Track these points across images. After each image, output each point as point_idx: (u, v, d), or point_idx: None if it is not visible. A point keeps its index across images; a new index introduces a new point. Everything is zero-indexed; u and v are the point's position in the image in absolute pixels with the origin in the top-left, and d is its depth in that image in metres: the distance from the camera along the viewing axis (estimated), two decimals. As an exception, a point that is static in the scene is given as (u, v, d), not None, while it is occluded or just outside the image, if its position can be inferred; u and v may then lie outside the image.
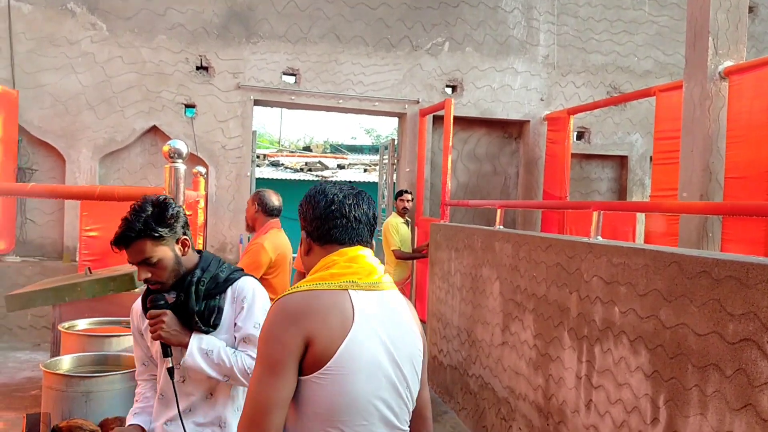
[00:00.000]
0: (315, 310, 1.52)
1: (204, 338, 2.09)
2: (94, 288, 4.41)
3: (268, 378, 1.47)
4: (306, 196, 1.76)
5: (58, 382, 2.86)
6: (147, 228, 2.06)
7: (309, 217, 1.71)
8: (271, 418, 1.45)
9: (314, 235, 1.71)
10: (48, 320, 7.16)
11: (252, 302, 2.13)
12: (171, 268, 2.10)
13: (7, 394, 5.58)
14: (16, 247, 7.70)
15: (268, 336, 1.52)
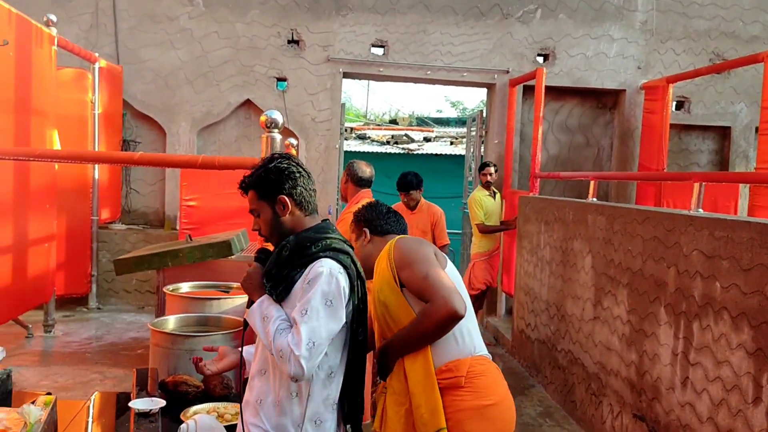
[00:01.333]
0: None
1: (268, 304, 2.02)
2: (194, 254, 4.62)
3: (433, 264, 2.29)
4: (367, 208, 2.68)
5: (164, 340, 3.03)
6: (252, 180, 2.12)
7: (373, 219, 2.63)
8: (450, 282, 2.27)
9: (377, 230, 2.61)
10: (150, 284, 7.59)
11: (314, 287, 1.95)
12: (269, 225, 2.10)
13: (115, 352, 5.98)
14: (121, 216, 8.16)
15: (420, 251, 2.36)
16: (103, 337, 6.50)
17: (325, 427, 2.02)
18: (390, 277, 2.34)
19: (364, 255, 2.56)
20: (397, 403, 2.30)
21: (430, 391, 2.21)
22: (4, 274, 5.26)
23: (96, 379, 5.15)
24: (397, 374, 2.33)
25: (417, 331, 2.24)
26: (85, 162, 6.66)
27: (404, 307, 2.31)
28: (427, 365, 2.25)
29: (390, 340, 2.34)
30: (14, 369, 3.01)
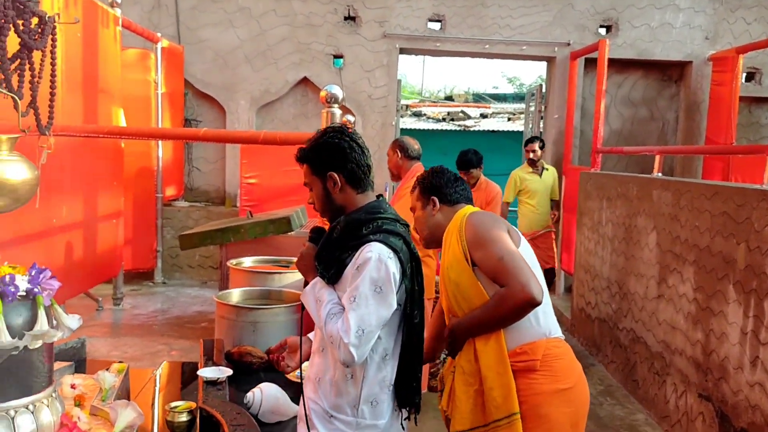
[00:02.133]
0: None
1: (320, 287, 2.00)
2: (255, 230, 4.72)
3: (507, 243, 2.20)
4: (434, 175, 2.48)
5: (229, 312, 3.11)
6: (306, 153, 2.05)
7: (442, 186, 2.45)
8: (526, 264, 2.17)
9: (447, 199, 2.44)
10: (212, 260, 7.79)
11: (362, 272, 1.89)
12: (321, 200, 2.05)
13: (180, 325, 6.18)
14: (184, 193, 8.38)
15: (493, 230, 2.24)
16: (168, 310, 6.72)
17: (381, 409, 2.00)
18: (461, 256, 2.23)
19: (433, 225, 2.45)
20: (467, 383, 2.22)
21: (504, 375, 2.14)
22: (76, 249, 5.48)
23: (163, 350, 5.34)
24: (467, 354, 2.24)
25: (491, 316, 2.16)
26: (153, 139, 6.85)
27: (476, 287, 2.21)
28: (500, 348, 2.17)
29: (460, 320, 2.26)
30: (86, 339, 3.14)
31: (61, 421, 1.89)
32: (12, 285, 1.75)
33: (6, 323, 1.71)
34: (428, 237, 2.48)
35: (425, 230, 2.48)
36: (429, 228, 2.45)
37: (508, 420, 2.12)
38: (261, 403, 2.41)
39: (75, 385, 2.28)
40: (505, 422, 2.12)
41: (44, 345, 1.83)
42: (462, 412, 2.21)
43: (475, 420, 2.19)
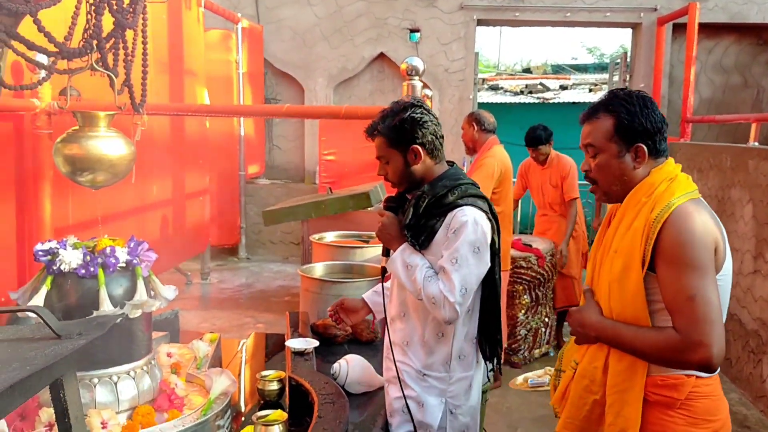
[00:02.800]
0: (713, 217, 1.69)
1: (410, 252, 2.04)
2: (335, 205, 4.78)
3: (708, 279, 1.60)
4: (641, 103, 1.71)
5: (313, 285, 3.17)
6: (384, 127, 2.07)
7: (653, 130, 1.71)
8: (719, 315, 1.60)
9: (655, 149, 1.73)
10: (293, 236, 7.95)
11: (460, 236, 1.97)
12: (399, 173, 2.09)
13: (265, 299, 6.36)
14: (265, 171, 8.56)
15: (701, 250, 1.60)
16: (253, 284, 6.92)
17: (468, 362, 2.10)
18: (639, 253, 1.66)
19: (628, 180, 1.75)
20: (587, 389, 1.80)
21: (631, 406, 1.71)
22: (167, 225, 5.70)
23: (249, 323, 5.52)
24: (595, 360, 1.79)
25: (645, 350, 1.66)
26: (238, 116, 7.02)
27: (638, 297, 1.68)
28: (638, 376, 1.71)
29: (605, 324, 1.74)
30: (179, 311, 3.28)
31: (159, 387, 1.98)
32: (113, 256, 1.83)
33: (107, 293, 1.80)
34: (615, 192, 1.79)
35: (614, 185, 1.77)
36: (621, 183, 1.76)
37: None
38: (347, 374, 2.44)
39: (171, 353, 2.37)
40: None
41: (143, 314, 1.92)
42: (573, 417, 1.84)
43: (584, 428, 1.82)
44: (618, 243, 1.72)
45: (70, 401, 1.04)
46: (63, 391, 1.03)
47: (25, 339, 1.05)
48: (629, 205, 1.73)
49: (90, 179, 1.92)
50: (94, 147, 1.89)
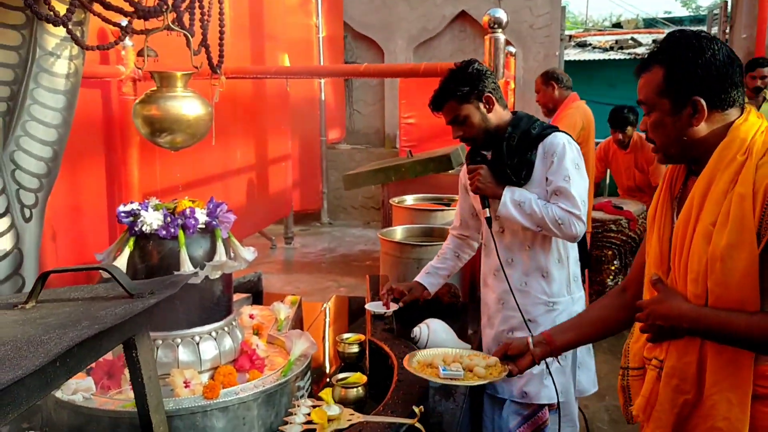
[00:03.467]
0: None
1: (516, 190, 2.18)
2: (416, 168, 4.70)
3: None
4: (693, 41, 1.43)
5: (393, 248, 3.12)
6: (450, 89, 2.18)
7: (706, 73, 1.42)
8: None
9: (718, 100, 1.44)
10: (374, 201, 7.95)
11: (562, 156, 2.15)
12: (478, 125, 2.20)
13: (346, 263, 6.40)
14: (346, 136, 8.57)
15: None
16: (335, 249, 6.98)
17: (579, 283, 2.35)
18: (751, 224, 1.36)
19: (689, 141, 1.48)
20: (677, 390, 1.50)
21: (738, 406, 1.42)
22: (250, 190, 5.80)
23: (331, 287, 5.57)
24: (687, 355, 1.49)
25: (757, 339, 1.38)
26: (317, 77, 7.01)
27: (750, 276, 1.37)
28: (744, 368, 1.42)
29: (700, 312, 1.44)
30: (262, 275, 3.32)
31: (241, 348, 1.99)
32: (192, 218, 1.83)
33: (188, 254, 1.80)
34: (674, 153, 1.53)
35: (671, 146, 1.51)
36: (679, 143, 1.49)
37: None
38: (428, 338, 2.39)
39: (253, 315, 2.39)
40: None
41: (223, 276, 1.92)
42: (664, 425, 1.53)
43: None
44: (712, 214, 1.41)
45: (143, 361, 1.03)
46: (136, 351, 1.02)
47: (99, 298, 1.04)
48: (718, 166, 1.43)
49: (169, 140, 1.93)
50: (172, 107, 1.89)
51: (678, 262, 1.49)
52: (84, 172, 3.45)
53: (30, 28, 2.13)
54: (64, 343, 0.80)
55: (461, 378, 1.73)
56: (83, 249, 3.33)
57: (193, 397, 1.73)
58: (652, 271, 1.56)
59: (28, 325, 0.91)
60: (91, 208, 3.44)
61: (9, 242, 2.07)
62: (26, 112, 2.16)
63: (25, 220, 2.15)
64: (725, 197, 1.40)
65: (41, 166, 2.20)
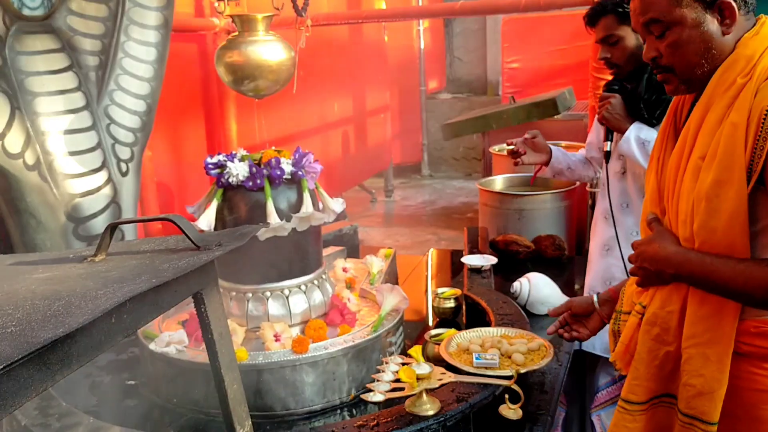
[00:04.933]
0: None
1: (644, 128, 2.01)
2: (518, 115, 4.47)
3: None
4: None
5: (492, 199, 2.98)
6: (614, 3, 1.98)
7: None
8: None
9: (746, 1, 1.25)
10: (476, 152, 7.72)
11: None
12: (629, 52, 2.01)
13: (447, 215, 6.28)
14: (446, 85, 8.34)
15: None
16: (435, 201, 6.87)
17: None
18: (743, 158, 1.19)
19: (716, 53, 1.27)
20: (658, 339, 1.35)
21: (715, 362, 1.27)
22: (349, 143, 5.76)
23: (431, 240, 5.48)
24: (668, 301, 1.35)
25: (749, 288, 1.22)
26: (411, 18, 6.82)
27: (738, 217, 1.21)
28: (727, 322, 1.27)
29: (683, 253, 1.30)
30: (361, 228, 3.27)
31: (331, 301, 1.94)
32: (278, 168, 1.77)
33: (274, 206, 1.75)
34: (702, 75, 1.29)
35: (698, 66, 1.28)
36: (710, 59, 1.26)
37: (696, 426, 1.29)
38: (529, 293, 2.26)
39: (346, 268, 2.33)
40: (689, 423, 1.30)
41: (311, 228, 1.86)
42: (640, 376, 1.38)
43: (655, 389, 1.38)
44: (703, 146, 1.24)
45: (213, 316, 0.97)
46: (204, 305, 0.96)
47: (167, 250, 0.98)
48: (717, 90, 1.25)
49: (252, 87, 1.87)
50: (254, 52, 1.82)
51: (671, 199, 1.34)
52: (184, 127, 3.50)
53: (118, -20, 2.12)
54: (116, 298, 0.74)
55: (495, 367, 1.57)
56: (184, 203, 3.40)
57: (282, 351, 1.70)
58: (649, 209, 1.41)
59: (90, 278, 0.87)
60: (191, 163, 3.50)
61: (107, 196, 2.11)
62: (118, 66, 2.17)
63: (122, 174, 2.18)
64: (719, 127, 1.22)
65: (135, 120, 2.22)
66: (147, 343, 1.76)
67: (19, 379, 0.67)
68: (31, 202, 1.92)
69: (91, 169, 2.03)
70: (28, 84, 1.94)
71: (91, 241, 2.04)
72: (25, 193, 1.90)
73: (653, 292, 1.38)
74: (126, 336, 0.82)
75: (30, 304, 0.79)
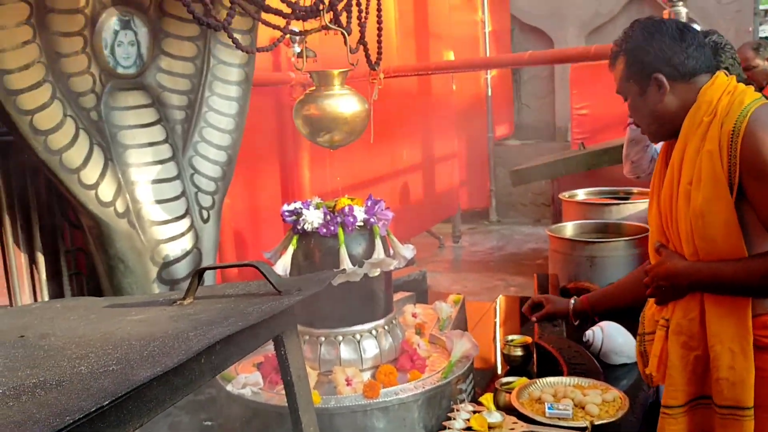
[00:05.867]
0: None
1: None
2: (588, 161, 4.45)
3: None
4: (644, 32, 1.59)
5: (563, 246, 2.94)
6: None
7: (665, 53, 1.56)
8: None
9: (677, 71, 1.56)
10: (545, 197, 7.66)
11: None
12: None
13: (516, 262, 6.22)
14: (514, 132, 8.35)
15: None
16: (503, 247, 6.82)
17: None
18: (722, 176, 1.46)
19: (661, 115, 1.60)
20: (686, 346, 1.57)
21: (740, 355, 1.49)
22: (417, 190, 5.83)
23: (500, 286, 5.43)
24: (689, 311, 1.57)
25: (746, 281, 1.48)
26: (480, 69, 6.92)
27: (731, 227, 1.48)
28: (741, 318, 1.50)
29: (692, 265, 1.55)
30: (429, 274, 3.28)
31: (402, 346, 1.96)
32: (351, 215, 1.83)
33: (347, 252, 1.80)
34: (656, 130, 1.65)
35: (651, 123, 1.63)
36: (656, 119, 1.61)
37: (734, 414, 1.49)
38: (602, 342, 2.21)
39: (416, 314, 2.35)
40: (728, 414, 1.50)
41: (383, 273, 1.90)
42: (676, 383, 1.57)
43: (691, 391, 1.58)
44: (688, 174, 1.52)
45: (292, 359, 1.02)
46: (284, 348, 1.00)
47: (250, 295, 1.04)
48: (689, 131, 1.54)
49: (327, 139, 1.95)
50: (329, 105, 1.91)
51: (670, 225, 1.59)
52: (260, 176, 3.64)
53: (204, 39, 2.26)
54: (207, 339, 0.79)
55: (568, 418, 1.55)
56: (261, 248, 3.51)
57: (353, 396, 1.72)
58: (655, 239, 1.67)
59: (181, 321, 0.93)
60: (267, 209, 3.62)
61: (189, 242, 2.21)
62: (203, 119, 2.30)
63: (203, 221, 2.29)
64: (698, 156, 1.50)
65: (217, 170, 2.33)
66: (224, 384, 1.82)
67: (119, 415, 0.72)
68: (120, 247, 2.03)
69: (176, 217, 2.14)
70: (121, 137, 2.08)
71: (173, 285, 2.14)
72: (115, 239, 2.02)
73: (672, 306, 1.61)
74: (213, 376, 0.87)
75: (127, 344, 0.86)
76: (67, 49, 1.95)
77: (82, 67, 1.99)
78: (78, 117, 1.96)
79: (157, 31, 2.18)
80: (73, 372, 0.78)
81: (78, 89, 1.99)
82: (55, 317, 1.13)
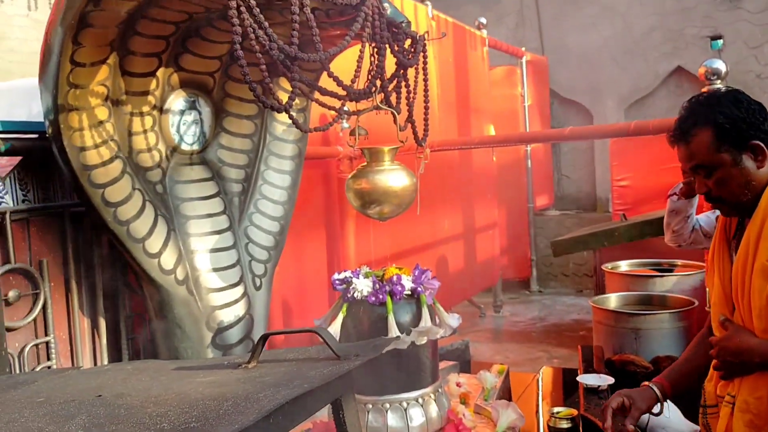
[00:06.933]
0: None
1: None
2: (630, 233, 4.44)
3: None
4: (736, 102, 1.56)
5: (607, 317, 2.95)
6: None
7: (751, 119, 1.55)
8: None
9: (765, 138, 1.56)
10: (587, 268, 7.60)
11: None
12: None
13: (558, 333, 6.14)
14: (554, 202, 8.38)
15: None
16: (546, 318, 6.75)
17: None
18: None
19: (756, 185, 1.58)
20: (752, 425, 1.56)
21: None
22: (458, 259, 5.87)
23: (542, 357, 5.36)
24: (755, 389, 1.56)
25: None
26: (520, 143, 7.02)
27: None
28: None
29: (764, 342, 1.54)
30: (471, 343, 3.30)
31: (447, 416, 1.99)
32: (399, 284, 1.90)
33: (395, 320, 1.86)
34: (748, 202, 1.59)
35: (743, 194, 1.58)
36: (750, 189, 1.57)
37: None
38: (649, 417, 2.19)
39: (460, 383, 2.38)
40: None
41: (429, 342, 1.95)
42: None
43: None
44: (766, 251, 1.51)
45: (349, 422, 1.07)
46: (342, 411, 1.06)
47: (310, 359, 1.11)
48: (765, 210, 1.54)
49: (377, 211, 2.04)
50: (380, 180, 2.01)
51: (741, 299, 1.57)
52: (308, 245, 3.75)
53: (261, 118, 2.42)
54: (276, 400, 0.86)
55: None
56: (307, 315, 3.59)
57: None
58: (718, 311, 1.64)
59: (248, 383, 1.00)
60: (314, 278, 3.71)
61: (242, 308, 2.30)
62: (258, 191, 2.43)
63: (256, 289, 2.38)
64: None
65: (270, 239, 2.45)
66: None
67: (199, 467, 0.79)
68: (178, 313, 2.13)
69: (231, 284, 2.24)
70: (183, 208, 2.21)
71: (226, 350, 2.22)
72: (174, 305, 2.12)
73: (739, 382, 1.58)
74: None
75: (202, 404, 0.93)
76: (137, 128, 2.12)
77: (151, 144, 2.15)
78: (145, 190, 2.10)
79: (219, 111, 2.35)
80: (156, 428, 0.85)
81: (145, 164, 2.14)
82: (127, 378, 1.22)
